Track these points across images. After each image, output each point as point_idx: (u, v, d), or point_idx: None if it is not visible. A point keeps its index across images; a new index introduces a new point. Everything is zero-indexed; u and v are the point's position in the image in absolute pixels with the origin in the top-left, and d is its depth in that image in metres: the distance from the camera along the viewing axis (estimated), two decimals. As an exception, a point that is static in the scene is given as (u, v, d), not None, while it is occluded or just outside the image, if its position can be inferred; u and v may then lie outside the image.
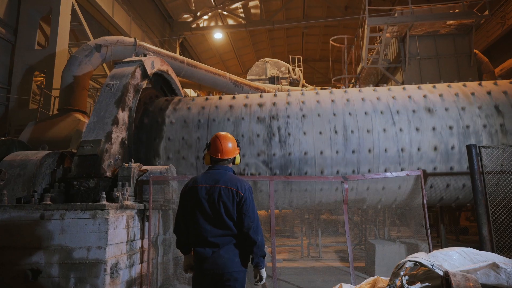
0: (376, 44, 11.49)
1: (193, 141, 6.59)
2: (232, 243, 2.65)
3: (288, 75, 15.37)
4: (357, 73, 13.53)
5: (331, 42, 14.51)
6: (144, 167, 5.58)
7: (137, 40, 9.25)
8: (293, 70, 16.06)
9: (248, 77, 15.77)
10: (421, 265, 2.70)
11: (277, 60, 16.00)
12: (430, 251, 4.54)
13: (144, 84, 6.85)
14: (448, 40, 10.82)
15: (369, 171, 5.82)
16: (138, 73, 6.59)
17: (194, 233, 2.68)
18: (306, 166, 6.16)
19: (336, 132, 6.14)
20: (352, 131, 6.07)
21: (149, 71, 6.91)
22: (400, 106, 6.22)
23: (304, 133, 6.26)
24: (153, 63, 7.16)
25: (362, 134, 6.03)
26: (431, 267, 2.64)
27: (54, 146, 7.20)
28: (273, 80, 15.17)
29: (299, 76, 16.10)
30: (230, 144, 2.89)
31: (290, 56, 17.56)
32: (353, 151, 5.97)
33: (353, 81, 14.49)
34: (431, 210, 8.68)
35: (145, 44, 9.52)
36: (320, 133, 6.20)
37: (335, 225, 11.93)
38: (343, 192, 5.18)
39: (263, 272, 2.70)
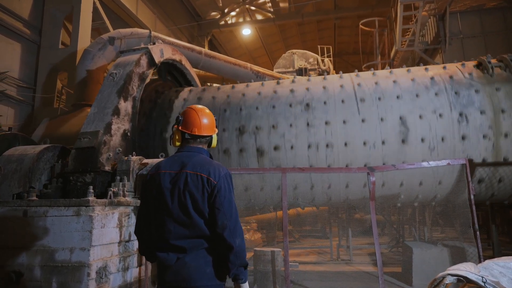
0: (411, 24, 10.34)
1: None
2: (203, 248, 2.01)
3: (316, 66, 14.47)
4: (390, 58, 12.37)
5: (360, 26, 13.42)
6: (146, 160, 5.09)
7: (152, 32, 8.88)
8: (322, 61, 15.14)
9: (275, 70, 15.03)
10: (468, 280, 1.91)
11: (304, 51, 15.15)
12: (480, 258, 3.65)
13: (151, 73, 6.40)
14: (497, 15, 9.47)
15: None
16: (144, 61, 6.14)
17: (156, 234, 2.07)
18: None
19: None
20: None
21: (157, 59, 6.43)
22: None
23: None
24: (163, 51, 6.68)
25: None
26: (482, 284, 1.85)
27: (66, 142, 6.92)
28: (301, 72, 14.34)
29: (329, 67, 15.15)
30: (209, 119, 2.28)
31: (319, 46, 16.60)
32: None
33: (386, 67, 13.30)
34: (479, 208, 7.55)
35: (160, 35, 9.14)
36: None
37: (368, 225, 10.94)
38: (369, 186, 4.38)
39: (245, 287, 2.03)
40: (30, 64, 11.53)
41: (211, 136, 2.28)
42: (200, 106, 2.33)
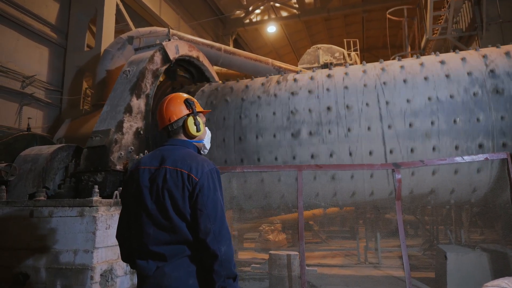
0: (443, 10, 9.60)
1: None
2: (185, 256, 1.74)
3: (342, 61, 13.92)
4: (421, 48, 11.61)
5: (388, 16, 12.74)
6: (157, 159, 4.92)
7: (170, 30, 8.79)
8: (349, 55, 14.57)
9: (299, 66, 14.63)
10: (508, 299, 1.55)
11: (330, 45, 14.63)
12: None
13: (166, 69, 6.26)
14: (542, -5, 8.59)
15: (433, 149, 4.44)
16: (157, 58, 6.00)
17: (135, 239, 1.84)
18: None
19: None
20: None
21: (172, 56, 6.28)
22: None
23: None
24: (178, 47, 6.53)
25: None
26: (527, 304, 1.48)
27: (84, 142, 6.95)
28: (326, 67, 13.83)
29: (356, 61, 14.57)
30: (169, 105, 1.99)
31: (345, 40, 16.00)
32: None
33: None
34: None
35: (179, 33, 9.04)
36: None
37: (395, 226, 10.32)
38: (395, 184, 3.98)
39: None
40: (57, 67, 11.81)
41: (183, 121, 1.97)
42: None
